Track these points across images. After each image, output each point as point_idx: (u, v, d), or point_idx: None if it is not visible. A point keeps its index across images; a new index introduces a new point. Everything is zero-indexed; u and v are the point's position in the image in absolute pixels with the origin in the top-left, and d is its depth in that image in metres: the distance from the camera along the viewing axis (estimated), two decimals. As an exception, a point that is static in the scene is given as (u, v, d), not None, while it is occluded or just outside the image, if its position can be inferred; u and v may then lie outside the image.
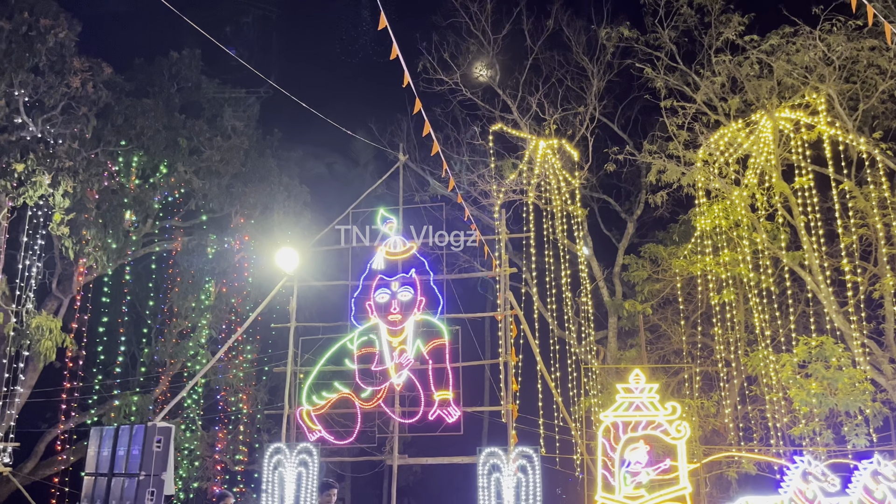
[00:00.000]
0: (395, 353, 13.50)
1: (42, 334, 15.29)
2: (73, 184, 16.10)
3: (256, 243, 20.14)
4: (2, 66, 15.97)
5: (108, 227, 18.06)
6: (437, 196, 18.60)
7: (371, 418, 14.62)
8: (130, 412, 18.27)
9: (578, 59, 19.79)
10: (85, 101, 16.70)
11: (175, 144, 19.25)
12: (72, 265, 18.62)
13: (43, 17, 16.35)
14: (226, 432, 20.03)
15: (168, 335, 19.98)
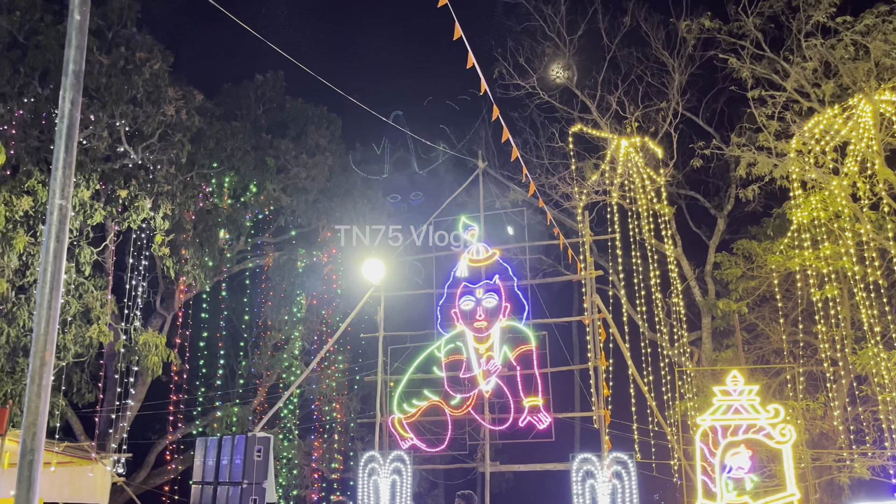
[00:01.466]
0: (482, 359, 13.51)
1: (149, 350, 16.17)
2: (171, 206, 16.99)
3: (343, 255, 20.66)
4: (103, 98, 17.07)
5: (205, 246, 18.97)
6: (518, 201, 18.51)
7: (462, 425, 14.68)
8: (232, 423, 19.05)
9: (658, 55, 19.31)
10: (179, 128, 17.62)
11: (263, 164, 20.04)
12: (173, 283, 19.67)
13: (139, 51, 17.39)
14: (321, 441, 20.57)
15: (263, 348, 20.75)
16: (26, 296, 15.19)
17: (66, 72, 3.32)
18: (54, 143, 11.81)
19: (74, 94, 3.28)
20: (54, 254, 3.07)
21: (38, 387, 2.91)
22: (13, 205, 14.65)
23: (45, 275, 3.08)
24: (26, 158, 16.84)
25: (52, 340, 3.08)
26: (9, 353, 14.76)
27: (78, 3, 3.34)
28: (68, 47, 3.33)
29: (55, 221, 3.09)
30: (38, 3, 17.77)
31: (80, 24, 3.35)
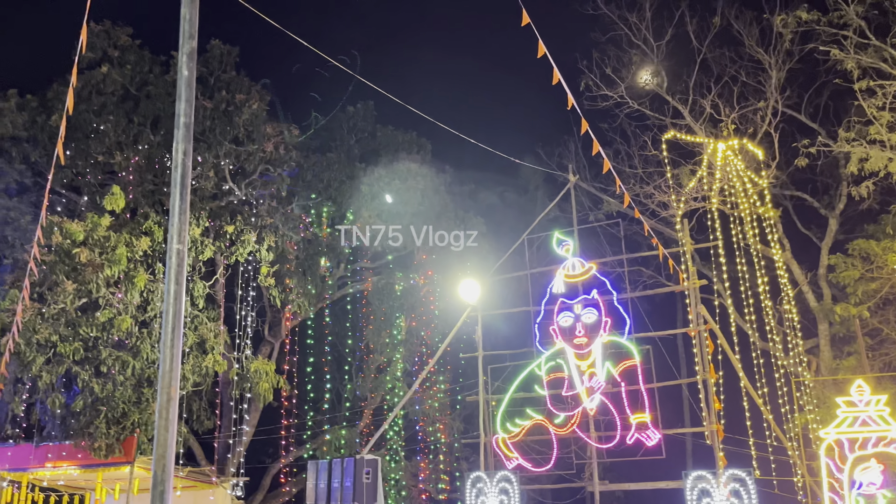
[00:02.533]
0: (584, 376, 13.28)
1: (260, 377, 16.87)
2: (275, 238, 17.75)
3: (439, 277, 20.89)
4: (209, 140, 18.10)
5: (307, 274, 19.69)
6: (613, 213, 18.17)
7: (567, 444, 14.44)
8: (340, 445, 19.53)
9: (752, 53, 18.56)
10: (279, 163, 18.44)
11: (358, 192, 20.63)
12: (279, 312, 20.49)
13: (238, 93, 18.38)
14: (427, 462, 20.74)
15: (367, 370, 21.22)
16: (148, 330, 16.20)
17: (178, 125, 3.57)
18: (170, 191, 12.54)
19: (186, 144, 3.52)
20: (175, 295, 3.29)
21: (165, 420, 3.11)
22: (133, 245, 15.71)
23: (168, 315, 3.30)
24: (143, 201, 18.07)
25: (177, 377, 3.28)
26: (135, 385, 15.75)
27: (185, 61, 3.59)
28: (179, 101, 3.58)
29: (174, 265, 3.32)
30: (146, 56, 19.15)
31: (188, 79, 3.60)
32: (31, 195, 18.26)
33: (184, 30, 3.58)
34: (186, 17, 3.55)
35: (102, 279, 15.22)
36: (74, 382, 15.56)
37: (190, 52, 3.59)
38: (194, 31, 3.58)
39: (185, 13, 3.57)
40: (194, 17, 3.61)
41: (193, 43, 3.64)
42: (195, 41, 3.65)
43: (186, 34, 3.61)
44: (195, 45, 3.65)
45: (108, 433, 14.99)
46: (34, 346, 14.65)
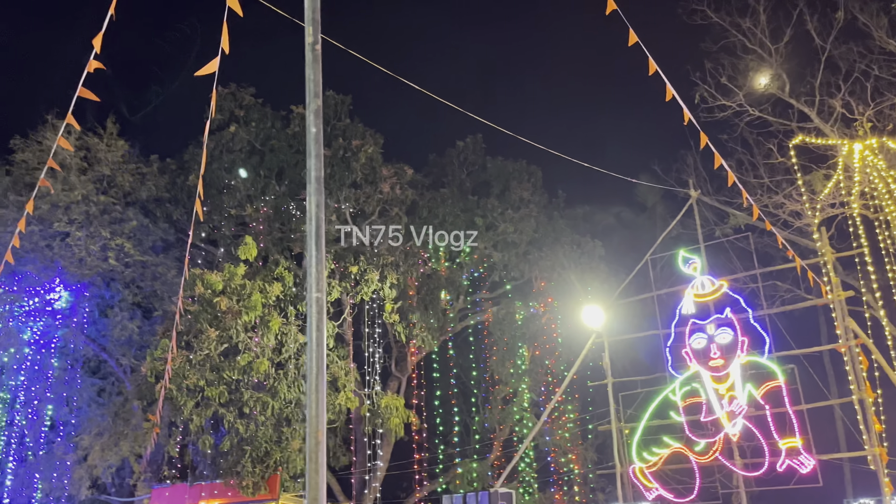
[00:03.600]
0: (723, 400, 12.60)
1: (391, 413, 17.21)
2: (396, 276, 18.20)
3: (559, 303, 20.61)
4: (329, 186, 18.95)
5: (429, 308, 20.01)
6: (741, 226, 17.29)
7: (710, 472, 13.69)
8: (472, 478, 19.48)
9: (883, 44, 17.25)
10: (395, 202, 18.99)
11: (473, 224, 20.85)
12: (404, 347, 20.90)
13: (354, 139, 19.17)
14: (562, 494, 20.27)
15: (493, 402, 21.15)
16: (284, 371, 16.98)
17: (310, 179, 3.76)
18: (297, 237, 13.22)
19: (318, 197, 3.70)
20: (317, 342, 3.43)
21: (315, 464, 3.22)
22: (267, 291, 16.59)
23: (311, 362, 3.44)
24: (272, 249, 19.13)
25: (324, 421, 3.40)
26: (275, 424, 16.50)
27: (313, 119, 3.80)
28: (309, 157, 3.78)
29: (314, 313, 3.47)
30: (268, 113, 20.42)
31: (315, 135, 3.80)
32: (174, 251, 19.79)
33: (309, 90, 3.79)
34: (311, 77, 3.76)
35: (241, 325, 16.15)
36: (221, 424, 16.50)
37: (316, 111, 3.79)
38: (319, 91, 3.78)
39: (309, 74, 3.78)
40: (318, 77, 3.81)
41: (319, 101, 3.84)
42: (320, 100, 3.85)
43: (312, 93, 3.82)
44: (321, 104, 3.85)
45: (254, 471, 15.74)
46: (185, 391, 15.69)
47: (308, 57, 3.80)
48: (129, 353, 18.48)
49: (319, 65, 3.82)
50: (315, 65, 3.79)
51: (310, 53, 3.79)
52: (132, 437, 17.14)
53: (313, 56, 3.79)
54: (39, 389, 18.60)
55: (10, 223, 17.51)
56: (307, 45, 3.81)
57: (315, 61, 3.79)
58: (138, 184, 19.18)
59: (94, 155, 18.38)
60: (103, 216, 18.27)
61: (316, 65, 3.80)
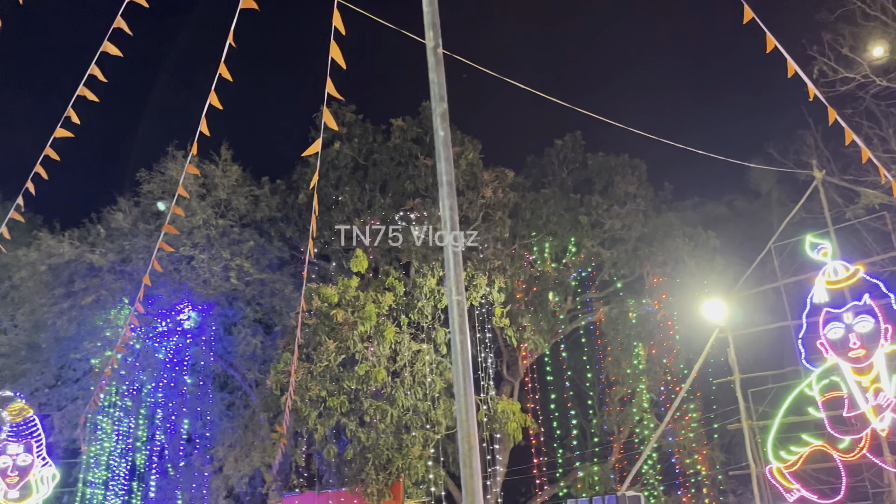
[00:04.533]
0: (868, 393, 11.70)
1: (507, 417, 17.11)
2: (504, 279, 18.13)
3: (674, 299, 19.88)
4: (433, 195, 19.14)
5: (538, 311, 19.79)
6: (875, 206, 16.08)
7: (858, 471, 12.74)
8: (594, 482, 19.06)
9: None
10: (498, 206, 18.95)
11: (577, 223, 20.49)
12: (515, 351, 20.77)
13: (453, 146, 19.29)
14: (689, 497, 19.48)
15: (610, 403, 20.64)
16: (400, 379, 17.24)
17: (441, 182, 3.75)
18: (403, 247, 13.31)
19: (451, 200, 3.69)
20: (461, 345, 3.40)
21: (470, 469, 3.19)
22: (379, 302, 16.93)
23: (458, 366, 3.41)
24: (381, 260, 19.52)
25: (474, 425, 3.37)
26: (394, 432, 16.77)
27: (440, 122, 3.79)
28: (438, 161, 3.78)
29: (456, 316, 3.44)
30: (368, 128, 20.89)
31: (444, 139, 3.79)
32: (289, 267, 20.58)
33: (434, 93, 3.79)
34: (435, 80, 3.76)
35: (357, 335, 16.54)
36: (343, 433, 16.95)
37: (442, 114, 3.79)
38: (444, 94, 3.78)
39: (433, 77, 3.78)
40: (442, 80, 3.81)
41: (444, 104, 3.83)
42: (445, 102, 3.84)
43: (437, 97, 3.82)
44: (446, 107, 3.84)
45: (378, 479, 16.05)
46: (308, 403, 16.23)
47: (430, 61, 3.80)
48: (253, 367, 19.33)
49: (442, 67, 3.81)
50: (438, 68, 3.79)
51: (432, 57, 3.79)
52: (261, 447, 17.89)
53: (436, 59, 3.80)
54: (175, 405, 19.77)
55: (141, 251, 18.77)
56: (429, 49, 3.82)
57: (438, 64, 3.79)
58: (252, 206, 20.10)
59: (211, 181, 19.41)
60: (223, 238, 19.25)
61: (439, 68, 3.80)
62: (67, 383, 19.87)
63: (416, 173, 19.53)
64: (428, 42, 3.83)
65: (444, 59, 3.68)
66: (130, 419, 20.24)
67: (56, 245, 18.31)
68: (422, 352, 17.62)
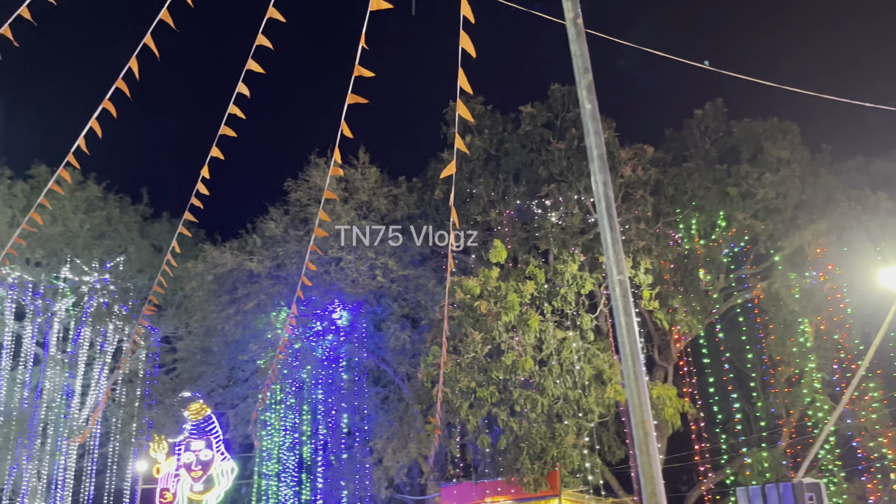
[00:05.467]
0: None
1: (664, 403, 16.45)
2: (650, 260, 17.42)
3: (843, 269, 18.22)
4: (567, 179, 18.75)
5: (689, 291, 18.85)
6: None
7: None
8: (763, 469, 17.91)
9: None
10: (638, 185, 18.23)
11: (725, 196, 19.28)
12: (666, 334, 19.92)
13: (586, 128, 18.78)
14: (875, 483, 17.82)
15: (776, 385, 19.31)
16: (547, 367, 17.04)
17: (591, 157, 3.58)
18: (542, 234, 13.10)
19: (604, 175, 3.51)
20: (626, 328, 3.23)
21: (647, 456, 3.01)
22: (521, 291, 16.83)
23: (625, 347, 3.24)
24: (519, 249, 19.40)
25: (648, 409, 3.19)
26: (546, 420, 16.62)
27: (586, 95, 3.62)
28: (588, 136, 3.62)
29: (619, 296, 3.27)
30: (498, 118, 20.79)
31: (591, 112, 3.61)
32: (430, 262, 20.97)
33: (577, 65, 3.63)
34: (577, 52, 3.59)
35: (501, 326, 16.55)
36: (495, 423, 17.03)
37: (588, 86, 3.62)
38: (587, 65, 3.61)
39: (574, 50, 3.62)
40: (584, 51, 3.63)
41: (589, 76, 3.66)
42: (590, 74, 3.67)
43: (581, 69, 3.65)
44: (591, 78, 3.67)
45: (533, 468, 15.98)
46: (458, 394, 16.45)
47: (571, 32, 3.64)
48: (404, 361, 19.89)
49: (584, 38, 3.64)
50: (579, 39, 3.62)
51: (572, 28, 3.63)
52: (417, 439, 18.37)
53: (576, 30, 3.63)
54: (334, 401, 20.77)
55: (293, 256, 19.85)
56: (568, 21, 3.66)
57: (579, 35, 3.62)
58: (392, 205, 20.66)
59: (352, 185, 20.16)
60: (366, 238, 19.93)
61: (580, 39, 3.62)
62: (238, 383, 21.44)
63: (549, 158, 19.21)
64: (567, 13, 3.67)
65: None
66: (295, 415, 21.49)
67: (219, 256, 19.75)
68: (567, 339, 17.33)
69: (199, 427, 20.63)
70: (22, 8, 5.72)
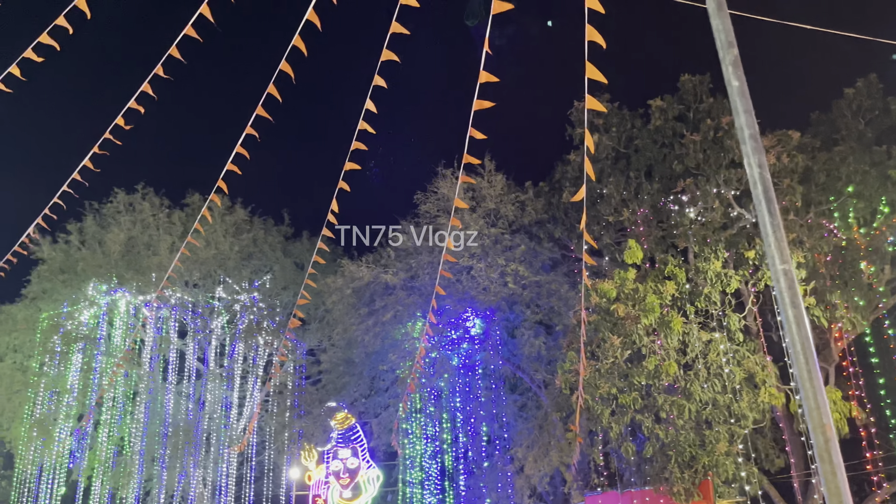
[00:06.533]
0: None
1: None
2: (802, 254, 16.15)
3: None
4: (705, 172, 17.75)
5: (850, 285, 17.27)
6: None
7: None
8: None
9: None
10: (784, 173, 16.96)
11: (886, 179, 17.53)
12: (825, 332, 18.32)
13: (723, 116, 17.75)
14: None
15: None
16: (693, 371, 16.18)
17: (743, 138, 3.30)
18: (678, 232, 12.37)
19: (759, 156, 3.22)
20: (796, 322, 2.91)
21: (829, 465, 2.69)
22: (661, 292, 16.12)
23: (796, 345, 2.93)
24: (656, 248, 18.61)
25: (827, 412, 2.86)
26: (694, 427, 15.76)
27: (732, 71, 3.35)
28: (737, 115, 3.34)
29: (785, 288, 2.96)
30: (625, 115, 20.13)
31: (739, 89, 3.33)
32: (562, 267, 20.61)
33: (720, 40, 3.36)
34: (720, 27, 3.33)
35: (641, 329, 15.92)
36: (639, 430, 16.37)
37: (733, 61, 3.34)
38: (732, 39, 3.33)
39: (716, 24, 3.35)
40: (728, 25, 3.36)
41: (734, 51, 3.38)
42: (735, 48, 3.39)
43: (724, 44, 3.38)
44: (737, 53, 3.38)
45: (683, 477, 15.20)
46: (598, 400, 15.97)
47: (711, 6, 3.38)
48: (540, 368, 19.63)
49: (726, 12, 3.37)
50: (721, 13, 3.35)
51: (712, 2, 3.37)
52: (558, 447, 18.02)
53: (717, 4, 3.36)
54: (472, 409, 20.84)
55: (425, 266, 20.19)
56: (708, -6, 3.39)
57: (720, 9, 3.35)
58: (519, 211, 20.53)
59: (479, 193, 20.24)
60: (496, 246, 19.91)
61: (722, 13, 3.36)
62: (379, 392, 22.04)
63: (683, 152, 18.32)
64: (706, -14, 3.40)
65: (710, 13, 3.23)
66: (435, 423, 21.78)
67: (356, 270, 20.45)
68: (714, 341, 16.39)
69: (344, 436, 21.43)
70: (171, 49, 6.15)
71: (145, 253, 23.55)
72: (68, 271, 23.44)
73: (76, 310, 23.68)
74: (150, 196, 24.69)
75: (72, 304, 23.55)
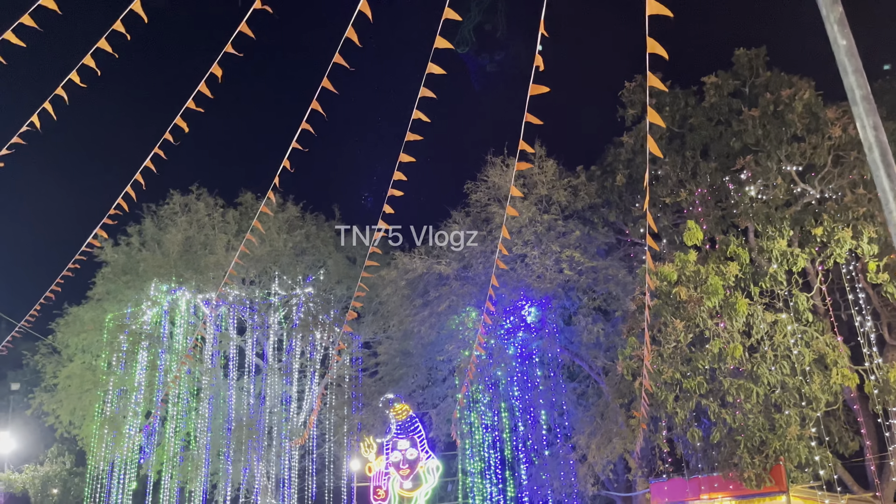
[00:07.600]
0: None
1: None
2: (874, 228, 15.51)
3: None
4: (765, 148, 17.17)
5: (925, 259, 16.52)
6: None
7: None
8: None
9: None
10: (851, 146, 16.30)
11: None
12: (899, 310, 17.61)
13: (782, 90, 17.12)
14: None
15: None
16: (759, 354, 15.72)
17: (854, 100, 3.10)
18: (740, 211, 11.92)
19: (873, 118, 3.02)
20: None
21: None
22: (724, 273, 15.69)
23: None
24: (716, 229, 18.11)
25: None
26: (763, 411, 15.32)
27: (838, 30, 3.15)
28: (845, 75, 3.14)
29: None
30: (678, 93, 19.58)
31: (847, 48, 3.13)
32: (618, 252, 20.25)
33: None
34: (823, -17, 3.13)
35: (705, 312, 15.53)
36: (705, 415, 16.00)
37: (839, 19, 3.14)
38: (836, -5, 3.13)
39: (816, -18, 3.15)
40: (831, -20, 3.15)
41: (839, 7, 3.18)
42: (840, 6, 3.19)
43: (829, 1, 3.17)
44: (842, 10, 3.18)
45: (753, 462, 14.80)
46: (662, 386, 15.65)
47: (812, -38, 3.18)
48: (599, 355, 19.35)
49: (828, -34, 3.16)
50: (823, -32, 3.15)
51: (813, -43, 3.17)
52: (620, 434, 17.76)
53: (818, -41, 3.16)
54: (531, 397, 20.69)
55: (478, 255, 20.07)
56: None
57: (822, -36, 3.15)
58: (572, 196, 20.22)
59: (530, 179, 20.00)
60: (549, 233, 19.67)
61: (824, -32, 3.16)
62: (437, 383, 22.07)
63: (741, 129, 17.75)
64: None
65: None
66: (493, 413, 21.71)
67: (409, 262, 20.47)
68: (780, 322, 15.88)
69: (403, 427, 21.54)
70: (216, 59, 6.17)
71: (202, 252, 24.02)
72: (130, 272, 24.08)
73: (139, 310, 24.33)
74: (205, 196, 25.15)
75: (135, 304, 24.20)
